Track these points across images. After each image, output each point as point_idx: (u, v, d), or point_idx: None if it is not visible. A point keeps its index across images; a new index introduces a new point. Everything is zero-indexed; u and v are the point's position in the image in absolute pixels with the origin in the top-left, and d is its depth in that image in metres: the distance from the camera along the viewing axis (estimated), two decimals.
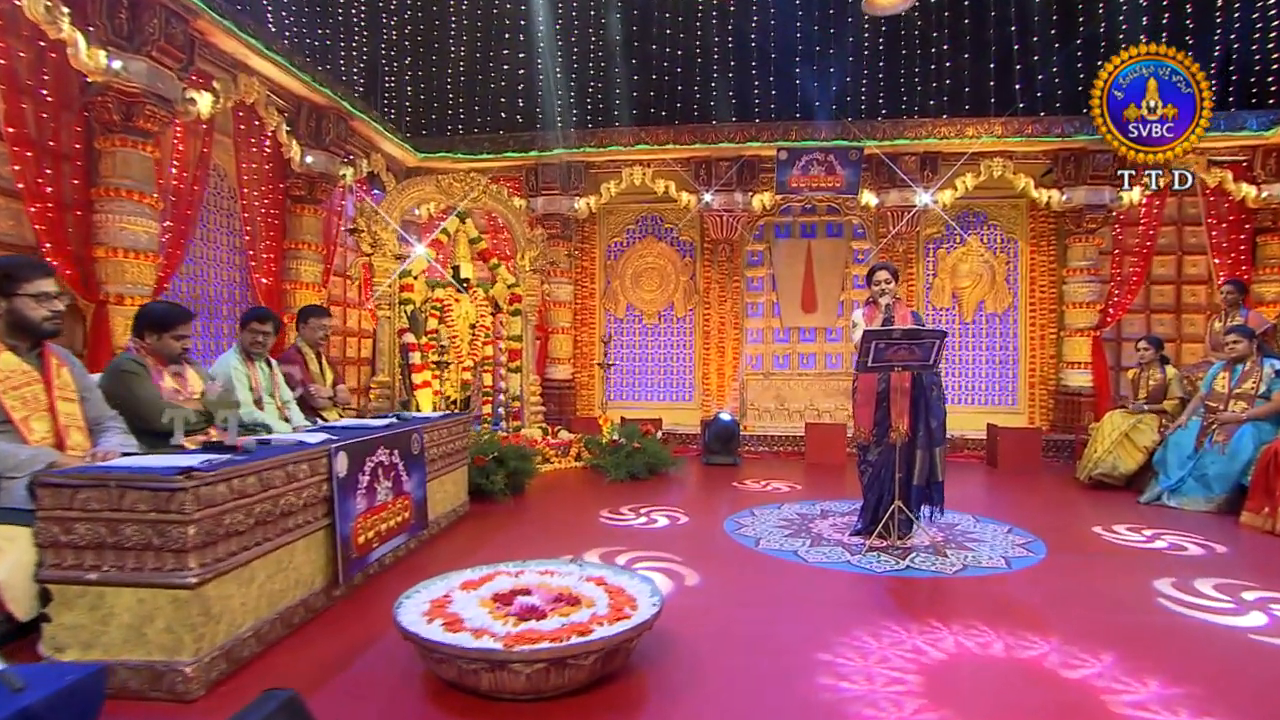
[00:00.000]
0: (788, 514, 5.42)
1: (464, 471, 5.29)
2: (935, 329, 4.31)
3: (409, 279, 7.46)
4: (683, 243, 9.89)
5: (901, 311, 4.70)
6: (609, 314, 10.00)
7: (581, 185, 9.33)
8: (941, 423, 4.56)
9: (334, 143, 7.45)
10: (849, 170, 8.72)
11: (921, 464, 4.53)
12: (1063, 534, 4.86)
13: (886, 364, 4.32)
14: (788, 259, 9.59)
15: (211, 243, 6.77)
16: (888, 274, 4.67)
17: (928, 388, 4.53)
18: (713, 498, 6.22)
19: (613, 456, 7.00)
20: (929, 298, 9.57)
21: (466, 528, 4.93)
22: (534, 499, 5.92)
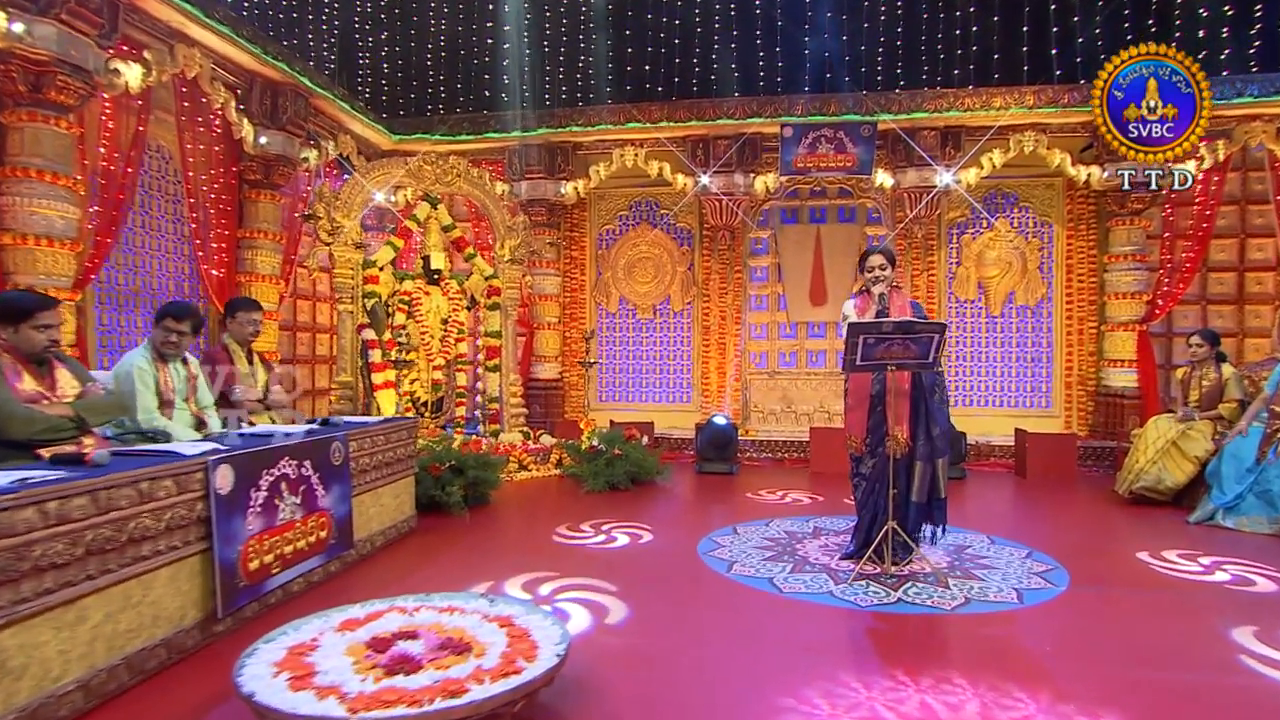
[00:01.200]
0: (775, 531, 5.01)
1: (409, 483, 4.96)
2: (934, 322, 3.87)
3: (373, 270, 7.17)
4: (680, 230, 9.49)
5: (899, 301, 4.27)
6: (600, 308, 9.64)
7: (569, 168, 8.97)
8: (945, 431, 4.13)
9: (292, 122, 7.16)
10: (861, 148, 8.25)
11: (922, 478, 4.11)
12: (1093, 560, 4.38)
13: (878, 362, 3.90)
14: (795, 247, 9.14)
15: (155, 231, 6.52)
16: (882, 258, 4.24)
17: (928, 390, 4.10)
18: (694, 512, 5.84)
19: (590, 464, 6.64)
20: (951, 288, 9.06)
21: (408, 546, 4.60)
22: (494, 512, 5.62)
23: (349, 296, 7.05)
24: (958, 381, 9.07)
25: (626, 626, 3.23)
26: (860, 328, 3.82)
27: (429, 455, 5.61)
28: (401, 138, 9.09)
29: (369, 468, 4.37)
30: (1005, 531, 5.05)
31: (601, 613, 3.38)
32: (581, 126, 8.76)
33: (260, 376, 4.89)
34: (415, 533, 4.94)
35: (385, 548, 4.51)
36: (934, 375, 4.11)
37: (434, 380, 7.64)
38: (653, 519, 5.41)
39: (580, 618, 3.30)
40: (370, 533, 4.38)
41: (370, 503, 4.40)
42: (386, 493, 4.63)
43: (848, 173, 8.43)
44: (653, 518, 5.47)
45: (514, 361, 8.30)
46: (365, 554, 4.27)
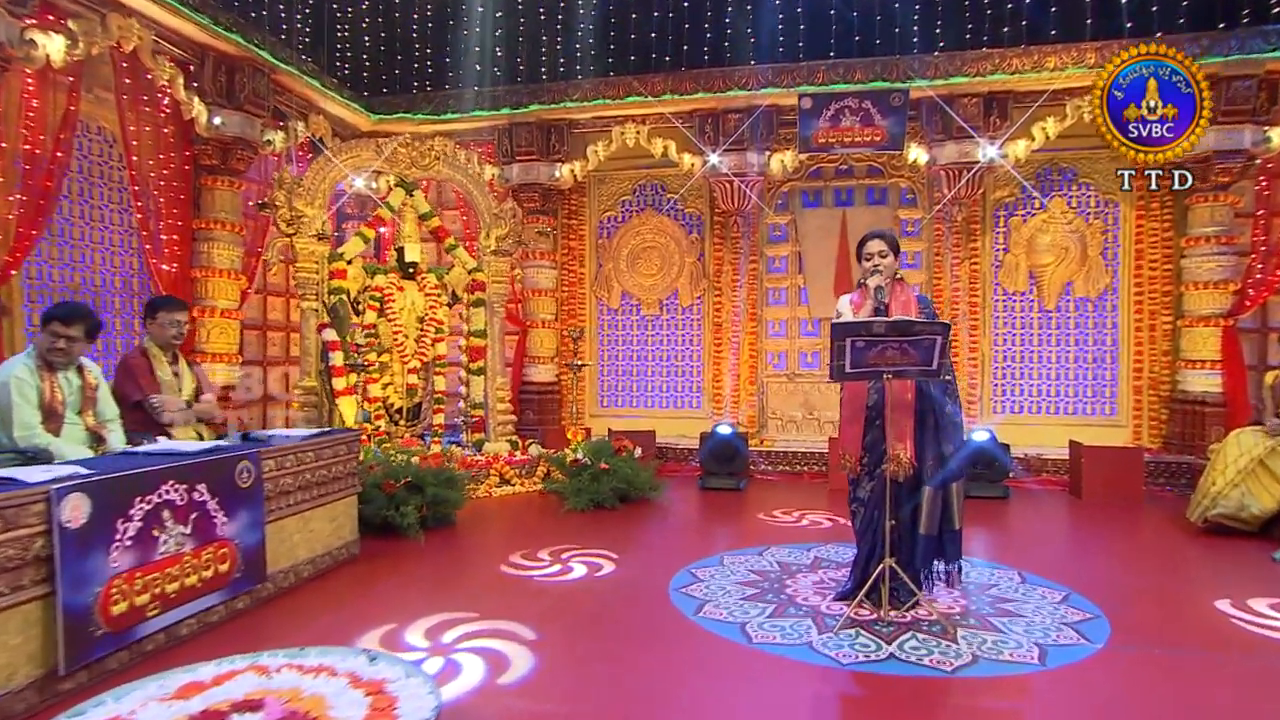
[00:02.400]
0: (767, 562, 4.64)
1: (348, 504, 4.71)
2: (934, 321, 3.47)
3: (341, 264, 6.97)
4: (688, 216, 9.13)
5: (902, 296, 3.87)
6: (600, 303, 9.33)
7: (564, 149, 8.67)
8: (958, 448, 3.72)
9: (251, 101, 6.98)
10: (892, 119, 7.78)
11: (930, 506, 3.71)
12: (1147, 608, 3.91)
13: (870, 369, 3.51)
14: (818, 233, 8.72)
15: (99, 222, 6.40)
16: (882, 245, 3.84)
17: (938, 401, 3.70)
18: (681, 536, 5.52)
19: (574, 480, 6.34)
20: (998, 279, 8.53)
21: (341, 578, 4.36)
22: (455, 535, 5.40)
23: (313, 292, 6.87)
24: (1005, 385, 8.54)
25: (525, 685, 2.91)
26: (846, 329, 3.44)
27: (383, 470, 5.37)
28: (381, 117, 8.89)
29: (293, 489, 4.12)
30: (1043, 567, 4.59)
31: (501, 667, 3.07)
32: (577, 102, 8.45)
33: (187, 384, 4.68)
34: (357, 560, 4.71)
35: (315, 579, 4.26)
36: (944, 384, 3.71)
37: (409, 385, 7.42)
38: (627, 545, 5.12)
39: (473, 672, 3.01)
40: (295, 562, 4.13)
41: (295, 528, 4.16)
42: (318, 516, 4.38)
43: (876, 148, 7.97)
44: (628, 544, 5.17)
45: (501, 363, 8.05)
46: (286, 587, 4.03)
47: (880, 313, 3.81)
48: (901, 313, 3.79)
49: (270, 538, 3.90)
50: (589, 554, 4.86)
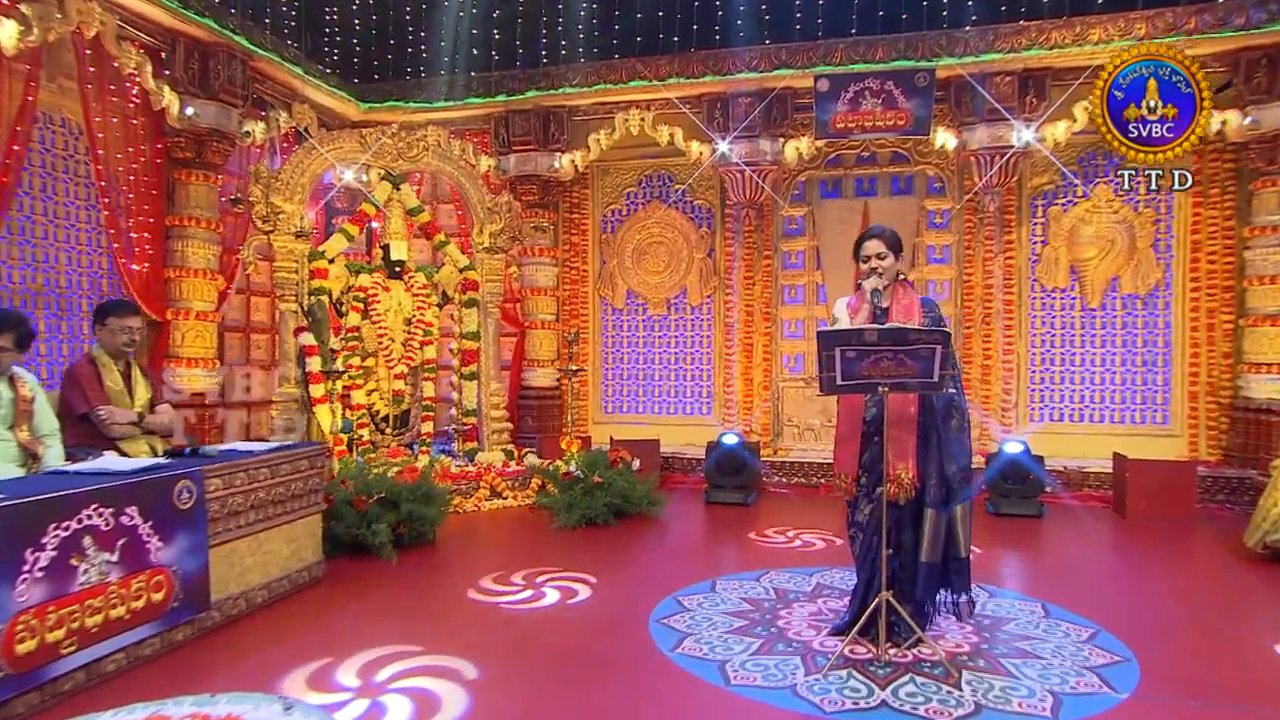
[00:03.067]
0: (763, 589, 4.46)
1: (311, 523, 4.60)
2: (932, 329, 3.26)
3: (322, 262, 6.89)
4: (698, 209, 8.95)
5: (904, 299, 3.67)
6: (604, 302, 9.19)
7: (563, 138, 8.55)
8: (964, 468, 3.52)
9: (226, 90, 6.93)
10: (917, 101, 7.55)
11: (934, 531, 3.52)
12: (1188, 651, 3.65)
13: (864, 382, 3.32)
14: (838, 226, 8.50)
15: (64, 219, 6.37)
16: (881, 244, 3.65)
17: (942, 416, 3.50)
18: (674, 558, 5.38)
19: (566, 494, 6.20)
20: (1035, 274, 8.24)
21: (300, 603, 4.26)
22: (431, 555, 5.30)
23: (292, 293, 6.80)
24: (1043, 391, 8.25)
25: None
26: (835, 337, 3.25)
27: (355, 485, 5.27)
28: (372, 106, 8.83)
29: (244, 508, 4.01)
30: (1071, 598, 4.35)
31: (429, 710, 2.92)
32: (576, 87, 8.31)
33: (140, 394, 4.61)
34: (321, 583, 4.60)
35: (270, 606, 4.16)
36: (948, 396, 3.51)
37: (395, 391, 7.33)
38: (613, 567, 4.98)
39: (395, 718, 2.86)
40: (246, 588, 4.03)
41: (248, 551, 4.05)
42: (275, 537, 4.27)
43: (900, 133, 7.74)
44: (615, 565, 5.03)
45: (496, 367, 7.95)
46: (235, 615, 3.92)
47: (879, 319, 3.62)
48: (903, 318, 3.59)
49: (216, 562, 3.79)
50: (567, 577, 4.72)
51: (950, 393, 3.47)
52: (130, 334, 4.54)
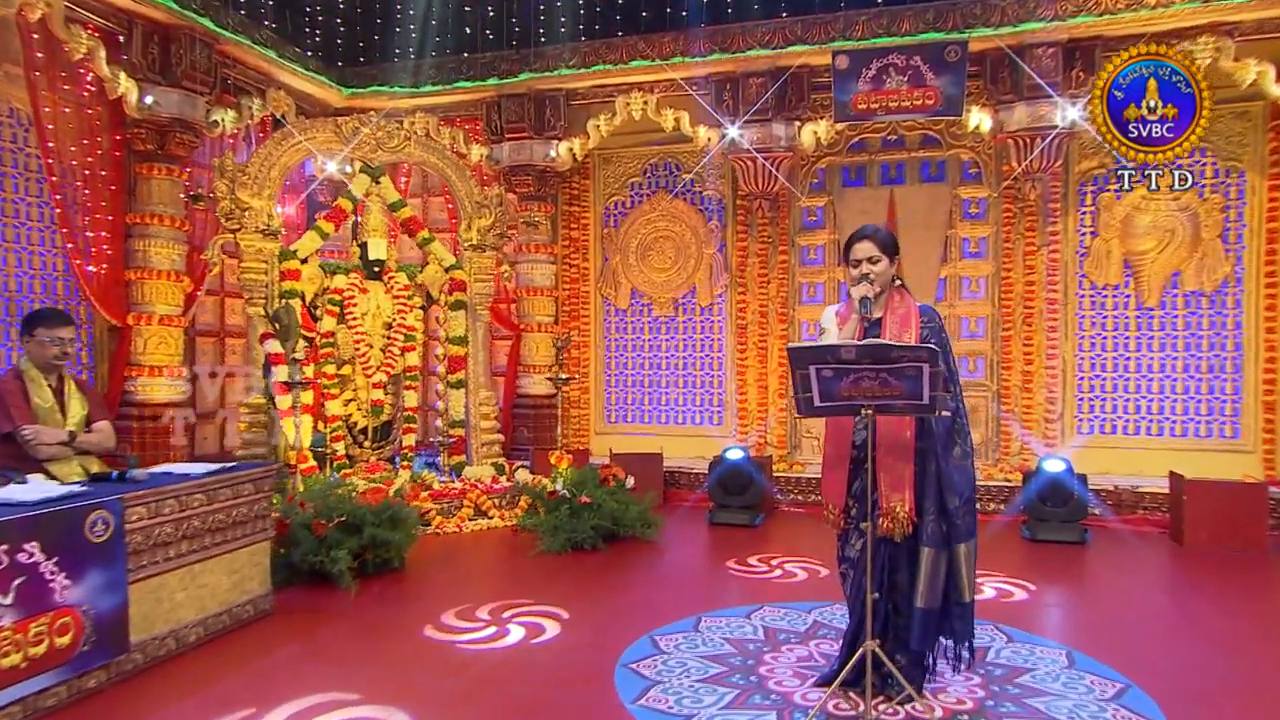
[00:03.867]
0: (752, 629, 4.28)
1: (257, 551, 4.50)
2: (917, 346, 3.05)
3: (293, 263, 6.82)
4: (707, 200, 8.76)
5: (900, 309, 3.47)
6: (607, 302, 9.04)
7: (560, 124, 8.41)
8: (967, 501, 3.30)
9: (190, 76, 6.87)
10: (947, 78, 7.28)
11: (931, 572, 3.31)
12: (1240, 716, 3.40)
13: (844, 403, 3.13)
14: (861, 218, 8.19)
15: (14, 218, 6.35)
16: (872, 247, 3.45)
17: (942, 441, 3.29)
18: (660, 588, 5.23)
19: (551, 515, 6.06)
20: (1083, 269, 7.91)
21: (237, 642, 4.16)
22: (396, 583, 5.19)
23: (260, 296, 6.74)
24: (1092, 400, 7.92)
25: None
26: (806, 354, 3.06)
27: (316, 508, 5.17)
28: (355, 92, 8.76)
29: (174, 539, 3.91)
30: (1104, 644, 4.09)
31: None
32: (573, 68, 8.17)
33: (74, 410, 4.53)
34: (268, 617, 4.51)
35: (206, 644, 4.06)
36: (948, 420, 3.30)
37: (374, 401, 7.24)
38: (590, 600, 4.86)
39: None
40: (177, 625, 3.93)
41: (179, 585, 3.96)
42: (212, 569, 4.17)
43: (929, 114, 7.49)
44: (592, 597, 4.91)
45: (487, 374, 7.85)
46: (162, 656, 3.82)
47: (871, 331, 3.42)
48: (898, 329, 3.39)
49: (140, 599, 3.69)
50: (537, 611, 4.60)
51: (944, 414, 3.26)
52: (61, 346, 4.45)
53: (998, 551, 5.97)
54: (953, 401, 3.30)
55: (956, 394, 3.35)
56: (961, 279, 8.14)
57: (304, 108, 8.44)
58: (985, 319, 8.07)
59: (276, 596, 4.79)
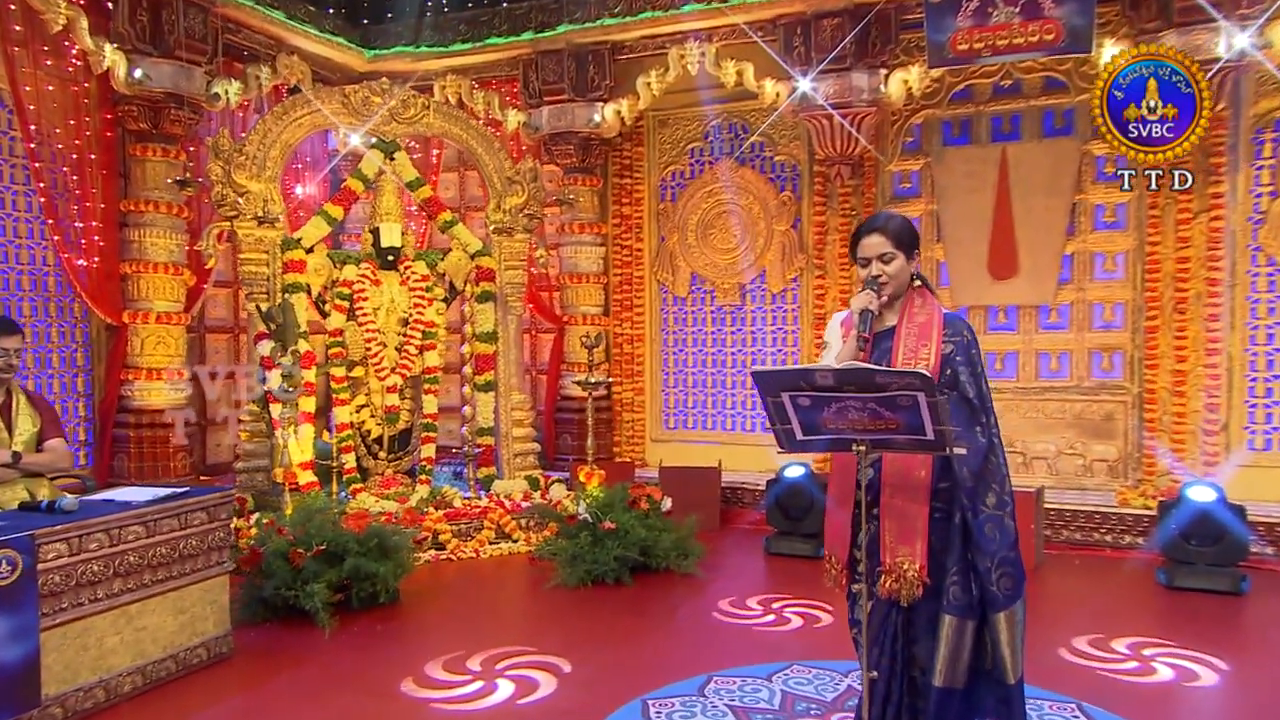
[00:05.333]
0: (769, 693, 4.09)
1: (212, 587, 4.56)
2: (908, 371, 2.75)
3: (297, 253, 6.92)
4: (779, 167, 8.46)
5: (920, 315, 3.14)
6: (664, 289, 8.86)
7: (605, 83, 8.27)
8: (1003, 560, 2.97)
9: (185, 45, 7.04)
10: (1071, 5, 6.82)
11: (953, 645, 2.99)
12: None
13: (832, 436, 2.87)
14: (965, 183, 7.82)
15: (0, 207, 6.66)
16: (884, 241, 3.13)
17: (971, 486, 2.96)
18: (678, 639, 5.08)
19: (572, 542, 5.97)
20: (1256, 239, 7.21)
21: (177, 692, 4.22)
22: (383, 622, 5.23)
23: (263, 290, 6.88)
24: (1267, 407, 7.21)
25: None
26: (774, 379, 2.81)
27: (295, 534, 5.22)
28: (377, 54, 8.83)
29: (105, 576, 3.97)
30: None
31: None
32: (618, 17, 8.04)
33: (23, 427, 4.69)
34: (225, 661, 4.59)
35: (143, 694, 4.13)
36: (979, 458, 2.97)
37: (388, 407, 7.29)
38: (596, 649, 4.83)
39: None
40: (108, 675, 3.99)
41: (110, 629, 4.02)
42: (155, 609, 4.23)
43: (1048, 52, 7.06)
44: (599, 646, 4.88)
45: (519, 375, 7.82)
46: (88, 710, 3.88)
47: (881, 346, 3.13)
48: (915, 342, 3.07)
49: (59, 646, 3.76)
50: (534, 663, 4.54)
51: (968, 452, 2.94)
52: (7, 357, 4.58)
53: (1123, 603, 5.62)
54: (983, 437, 2.97)
55: (989, 427, 3.02)
56: (1093, 256, 7.56)
57: (323, 74, 8.56)
58: (1124, 305, 7.49)
59: (244, 636, 4.89)
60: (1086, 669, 4.48)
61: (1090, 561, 6.52)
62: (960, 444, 2.86)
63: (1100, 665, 4.52)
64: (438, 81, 8.59)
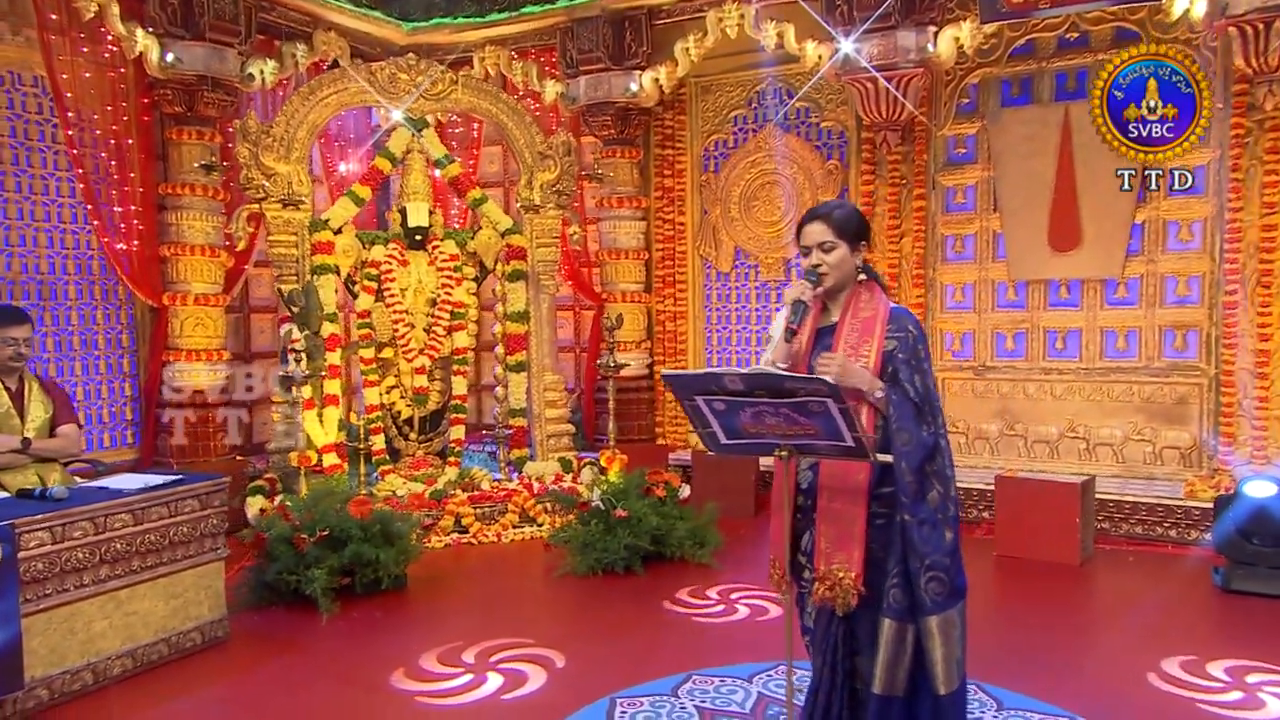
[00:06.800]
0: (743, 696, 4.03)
1: (207, 573, 4.74)
2: (810, 377, 2.65)
3: (325, 234, 7.09)
4: (825, 133, 8.20)
5: (865, 310, 3.05)
6: (708, 265, 8.74)
7: (642, 50, 8.15)
8: (934, 565, 2.87)
9: (217, 26, 7.20)
10: None
11: (892, 651, 2.92)
12: None
13: (755, 441, 2.81)
14: (1023, 147, 7.44)
15: (41, 194, 6.97)
16: (826, 230, 3.04)
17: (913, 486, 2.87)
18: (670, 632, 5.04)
19: (584, 530, 6.00)
20: None
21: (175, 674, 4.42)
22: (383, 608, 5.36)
23: (292, 272, 7.07)
24: None
25: None
26: (685, 383, 2.76)
27: (301, 520, 5.38)
28: (416, 26, 8.89)
29: (91, 563, 4.17)
30: None
31: None
32: None
33: (36, 414, 4.94)
34: (221, 645, 4.79)
35: (133, 677, 4.33)
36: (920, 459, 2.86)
37: (417, 389, 7.42)
38: (595, 641, 4.87)
39: None
40: (96, 658, 4.19)
41: (98, 614, 4.22)
42: (145, 594, 4.42)
43: (1114, 0, 6.63)
44: (599, 638, 4.92)
45: (552, 355, 7.87)
46: (76, 692, 4.09)
47: (822, 340, 3.04)
48: (857, 339, 2.98)
49: (42, 631, 3.96)
50: (530, 655, 4.60)
51: (926, 440, 2.85)
52: (16, 346, 4.84)
53: (1175, 605, 5.41)
54: (929, 435, 2.87)
55: (936, 426, 2.90)
56: (1166, 225, 7.13)
57: (361, 50, 8.64)
58: (1200, 279, 7.05)
59: (246, 620, 5.08)
60: (1185, 700, 4.05)
61: (1145, 558, 6.20)
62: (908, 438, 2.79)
63: (1200, 696, 4.07)
64: (477, 54, 8.64)
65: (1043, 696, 3.96)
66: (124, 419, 7.57)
